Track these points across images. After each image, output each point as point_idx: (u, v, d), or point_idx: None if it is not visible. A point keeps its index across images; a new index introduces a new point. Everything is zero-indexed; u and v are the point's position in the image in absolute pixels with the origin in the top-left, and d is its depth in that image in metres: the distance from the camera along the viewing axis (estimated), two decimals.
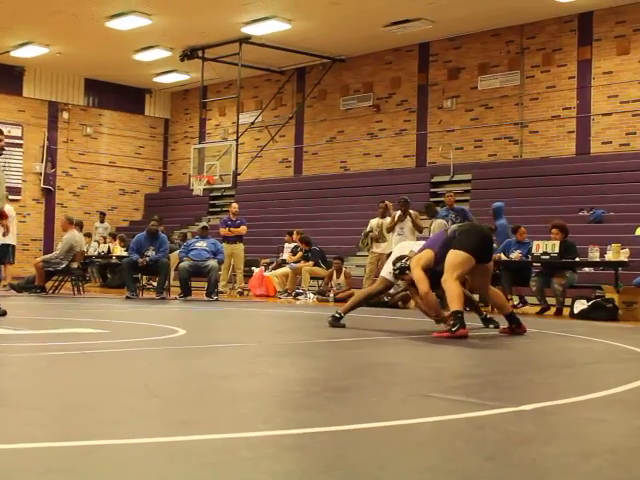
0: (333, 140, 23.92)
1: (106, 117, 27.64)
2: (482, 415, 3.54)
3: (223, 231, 16.88)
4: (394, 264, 8.25)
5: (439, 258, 7.75)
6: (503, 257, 13.05)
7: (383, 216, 14.93)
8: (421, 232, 14.57)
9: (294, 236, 18.09)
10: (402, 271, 8.11)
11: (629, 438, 3.25)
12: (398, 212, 14.41)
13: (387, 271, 8.66)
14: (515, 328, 8.04)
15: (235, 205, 17.76)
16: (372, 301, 13.14)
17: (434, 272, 7.76)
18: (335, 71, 23.48)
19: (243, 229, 17.11)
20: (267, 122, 24.64)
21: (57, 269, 15.00)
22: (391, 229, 14.51)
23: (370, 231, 14.96)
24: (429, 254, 7.87)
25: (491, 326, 8.54)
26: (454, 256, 7.60)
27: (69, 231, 15.29)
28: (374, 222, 15.07)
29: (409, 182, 20.75)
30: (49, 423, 3.21)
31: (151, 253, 14.62)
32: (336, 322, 8.42)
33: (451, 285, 7.48)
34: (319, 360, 5.82)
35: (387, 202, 15.21)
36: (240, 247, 16.97)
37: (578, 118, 19.08)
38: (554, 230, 12.61)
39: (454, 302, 7.42)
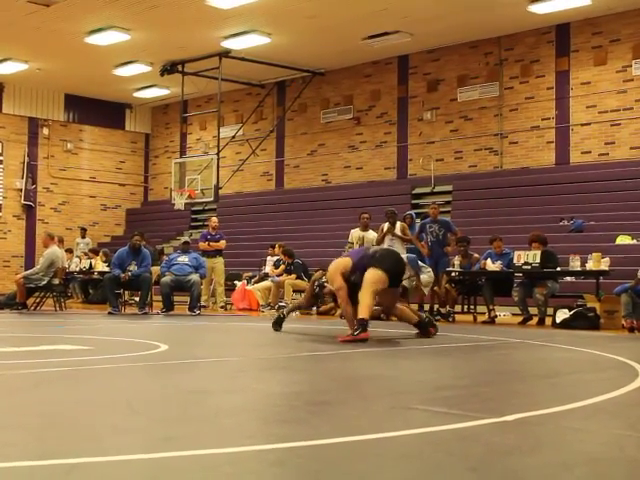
0: (314, 153, 23.94)
1: (86, 132, 27.57)
2: (465, 426, 3.54)
3: (203, 245, 16.78)
4: (314, 285, 9.27)
5: (355, 268, 8.53)
6: (488, 265, 13.03)
7: (365, 228, 14.86)
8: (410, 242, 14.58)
9: (276, 249, 18.07)
10: (321, 287, 9.09)
11: (611, 448, 3.26)
12: (386, 224, 14.42)
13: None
14: (424, 334, 8.76)
15: (215, 219, 17.61)
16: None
17: (349, 281, 8.56)
18: (315, 84, 23.53)
19: (222, 243, 16.96)
20: (248, 136, 24.65)
21: (38, 285, 14.90)
22: (380, 241, 14.50)
23: (351, 245, 14.80)
24: (347, 261, 8.70)
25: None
26: (373, 274, 8.35)
27: (50, 246, 15.19)
28: (355, 234, 14.96)
29: (390, 194, 20.80)
30: (29, 441, 3.19)
31: (133, 268, 14.56)
32: (277, 325, 9.40)
33: (365, 297, 8.25)
34: (301, 374, 5.81)
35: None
36: (220, 261, 16.83)
37: (557, 128, 19.20)
38: (534, 244, 12.68)
39: (363, 312, 8.15)
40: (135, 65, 22.76)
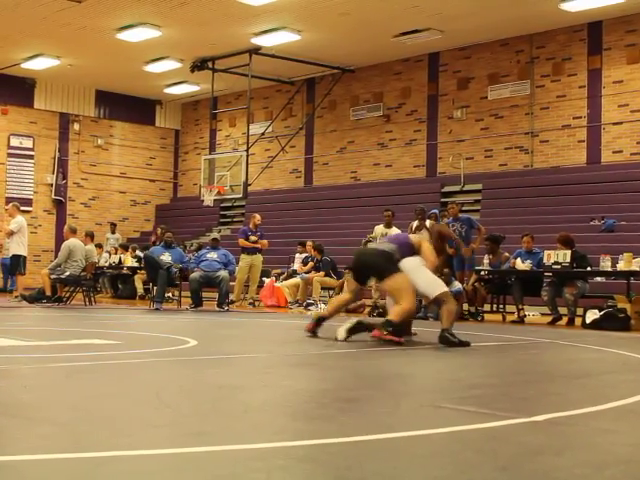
0: (343, 150, 23.93)
1: (117, 128, 27.74)
2: (494, 426, 3.52)
3: (243, 242, 16.44)
4: None
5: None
6: (518, 264, 12.94)
7: (389, 225, 14.78)
8: None
9: (306, 247, 18.07)
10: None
11: None
12: (415, 222, 14.39)
13: None
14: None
15: (258, 216, 17.05)
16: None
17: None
18: (345, 81, 23.51)
19: (265, 243, 16.73)
20: (277, 132, 24.67)
21: (60, 277, 15.05)
22: None
23: (368, 240, 14.69)
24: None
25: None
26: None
27: (69, 239, 15.45)
28: (379, 230, 14.87)
29: (419, 192, 20.75)
30: (61, 435, 3.21)
31: (166, 258, 14.71)
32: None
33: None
34: (330, 371, 5.81)
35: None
36: (259, 258, 16.55)
37: (589, 127, 19.05)
38: (558, 245, 12.60)
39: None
40: (165, 61, 22.87)
